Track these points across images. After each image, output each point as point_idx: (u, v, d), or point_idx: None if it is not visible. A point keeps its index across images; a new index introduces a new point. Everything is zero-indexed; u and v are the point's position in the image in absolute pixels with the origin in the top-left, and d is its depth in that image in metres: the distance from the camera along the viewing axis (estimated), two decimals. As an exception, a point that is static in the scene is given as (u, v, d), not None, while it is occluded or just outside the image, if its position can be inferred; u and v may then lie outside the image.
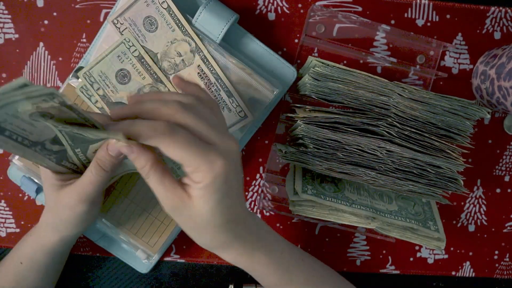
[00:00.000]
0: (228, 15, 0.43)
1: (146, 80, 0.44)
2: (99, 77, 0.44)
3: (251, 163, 0.50)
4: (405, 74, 0.50)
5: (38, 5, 0.47)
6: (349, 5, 0.49)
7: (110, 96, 0.44)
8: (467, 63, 0.51)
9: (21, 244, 0.43)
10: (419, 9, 0.49)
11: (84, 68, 0.43)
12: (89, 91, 0.44)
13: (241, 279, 0.52)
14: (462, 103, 0.43)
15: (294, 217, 0.51)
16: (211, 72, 0.44)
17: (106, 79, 0.44)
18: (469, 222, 0.54)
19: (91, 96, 0.44)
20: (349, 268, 0.53)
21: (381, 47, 0.50)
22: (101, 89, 0.44)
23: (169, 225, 0.47)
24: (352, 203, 0.44)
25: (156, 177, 0.31)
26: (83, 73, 0.43)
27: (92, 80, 0.44)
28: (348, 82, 0.42)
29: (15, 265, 0.42)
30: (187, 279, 0.52)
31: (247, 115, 0.45)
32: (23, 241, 0.43)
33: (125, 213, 0.46)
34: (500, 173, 0.53)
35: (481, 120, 0.52)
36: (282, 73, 0.47)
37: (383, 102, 0.42)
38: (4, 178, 0.49)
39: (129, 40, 0.43)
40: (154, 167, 0.31)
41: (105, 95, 0.44)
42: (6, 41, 0.47)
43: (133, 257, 0.49)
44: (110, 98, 0.44)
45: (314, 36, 0.49)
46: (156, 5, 0.42)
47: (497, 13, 0.50)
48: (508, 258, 0.55)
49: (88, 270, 0.51)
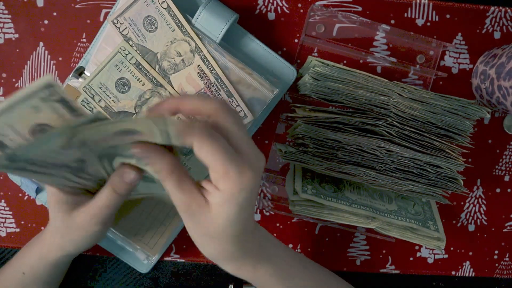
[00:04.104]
0: (228, 15, 0.43)
1: (146, 85, 0.44)
2: (99, 89, 0.44)
3: (251, 163, 0.50)
4: (405, 74, 0.50)
5: (38, 5, 0.47)
6: (349, 5, 0.49)
7: (112, 106, 0.44)
8: (467, 63, 0.51)
9: (24, 254, 0.43)
10: (419, 9, 0.49)
11: (84, 82, 0.43)
12: (91, 103, 0.44)
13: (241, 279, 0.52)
14: (462, 103, 0.43)
15: (294, 217, 0.51)
16: (211, 72, 0.44)
17: (106, 90, 0.44)
18: (469, 222, 0.54)
19: (93, 109, 0.44)
20: (349, 268, 0.53)
21: (381, 47, 0.50)
22: (102, 101, 0.44)
23: (169, 226, 0.47)
24: (352, 203, 0.44)
25: (173, 181, 0.30)
26: (83, 87, 0.43)
27: (93, 93, 0.44)
28: (348, 81, 0.42)
29: (17, 275, 0.42)
30: (187, 279, 0.52)
31: (247, 115, 0.45)
32: (27, 251, 0.43)
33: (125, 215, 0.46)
34: (500, 173, 0.53)
35: (481, 120, 0.52)
36: (282, 73, 0.47)
37: (383, 102, 0.42)
38: (4, 178, 0.49)
39: (124, 48, 0.43)
40: (171, 172, 0.30)
41: (107, 106, 0.44)
42: (6, 41, 0.47)
43: (133, 257, 0.49)
44: (112, 109, 0.44)
45: (314, 36, 0.49)
46: (156, 5, 0.42)
47: (497, 13, 0.50)
48: (508, 258, 0.55)
49: (88, 270, 0.51)
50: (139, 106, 0.45)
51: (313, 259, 0.52)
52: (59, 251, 0.40)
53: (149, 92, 0.44)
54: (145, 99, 0.45)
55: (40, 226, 0.50)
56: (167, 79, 0.44)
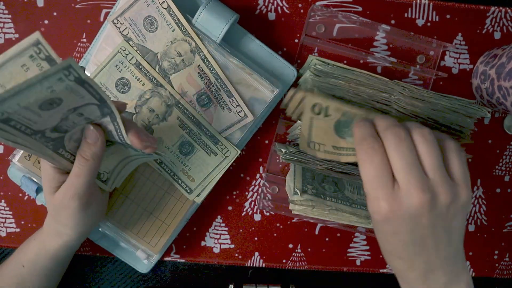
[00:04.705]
0: (228, 15, 0.43)
1: (146, 85, 0.44)
2: None
3: (251, 163, 0.50)
4: (405, 74, 0.50)
5: (38, 5, 0.47)
6: (349, 5, 0.49)
7: None
8: (467, 63, 0.51)
9: (24, 248, 0.43)
10: (419, 9, 0.49)
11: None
12: None
13: (241, 279, 0.52)
14: (462, 103, 0.43)
15: (294, 217, 0.51)
16: (211, 72, 0.44)
17: (106, 90, 0.44)
18: (469, 222, 0.54)
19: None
20: (349, 268, 0.53)
21: (381, 47, 0.50)
22: None
23: (171, 225, 0.47)
24: (352, 203, 0.44)
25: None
26: None
27: None
28: (349, 79, 0.42)
29: (17, 268, 0.42)
30: (187, 279, 0.52)
31: (247, 115, 0.45)
32: (26, 244, 0.43)
33: (126, 214, 0.46)
34: (500, 173, 0.53)
35: (481, 120, 0.52)
36: (282, 73, 0.47)
37: (384, 98, 0.42)
38: (4, 178, 0.49)
39: (125, 48, 0.43)
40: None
41: None
42: (6, 41, 0.47)
43: (133, 257, 0.49)
44: None
45: (314, 36, 0.49)
46: (156, 5, 0.42)
47: (497, 13, 0.50)
48: (508, 258, 0.55)
49: (88, 270, 0.51)
50: (139, 106, 0.45)
51: (313, 259, 0.52)
52: (56, 237, 0.40)
53: (149, 92, 0.44)
54: (145, 99, 0.45)
55: (40, 226, 0.50)
56: (167, 79, 0.44)
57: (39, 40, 0.26)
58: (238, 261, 0.51)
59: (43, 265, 0.42)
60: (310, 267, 0.52)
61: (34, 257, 0.42)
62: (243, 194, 0.51)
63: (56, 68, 0.25)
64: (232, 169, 0.50)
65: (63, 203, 0.36)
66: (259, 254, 0.51)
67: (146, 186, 0.46)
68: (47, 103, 0.27)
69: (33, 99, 0.26)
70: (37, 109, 0.27)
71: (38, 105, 0.27)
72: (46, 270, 0.42)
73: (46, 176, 0.36)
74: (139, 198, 0.46)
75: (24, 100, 0.25)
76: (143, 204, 0.46)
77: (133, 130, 0.35)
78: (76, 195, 0.36)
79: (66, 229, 0.39)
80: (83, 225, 0.39)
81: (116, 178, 0.42)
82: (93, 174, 0.36)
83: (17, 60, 0.27)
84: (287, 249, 0.52)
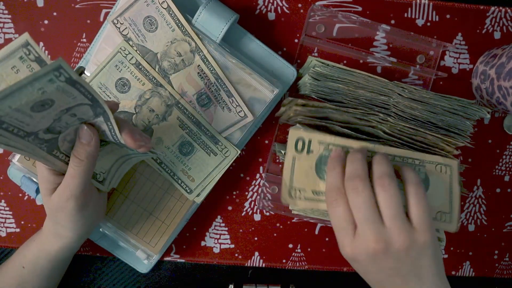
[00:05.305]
0: (228, 15, 0.43)
1: (146, 85, 0.44)
2: (99, 89, 0.44)
3: (251, 163, 0.50)
4: (405, 74, 0.50)
5: (38, 5, 0.47)
6: (349, 5, 0.49)
7: None
8: (467, 63, 0.51)
9: (24, 249, 0.43)
10: (419, 9, 0.49)
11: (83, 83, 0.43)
12: None
13: (241, 279, 0.52)
14: (462, 103, 0.43)
15: (294, 217, 0.51)
16: (211, 72, 0.44)
17: (106, 90, 0.44)
18: (469, 222, 0.54)
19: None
20: (349, 268, 0.53)
21: (381, 47, 0.50)
22: None
23: (170, 225, 0.47)
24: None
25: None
26: None
27: None
28: (348, 82, 0.42)
29: (17, 269, 0.42)
30: (187, 279, 0.52)
31: (247, 115, 0.45)
32: (26, 245, 0.43)
33: (126, 214, 0.46)
34: (500, 173, 0.53)
35: (481, 120, 0.52)
36: (282, 73, 0.47)
37: (383, 101, 0.42)
38: (4, 178, 0.49)
39: (124, 48, 0.43)
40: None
41: None
42: (6, 41, 0.47)
43: (133, 257, 0.49)
44: None
45: (314, 36, 0.49)
46: (156, 5, 0.42)
47: (497, 13, 0.50)
48: (508, 257, 0.55)
49: (88, 270, 0.51)
50: (139, 106, 0.45)
51: (313, 259, 0.52)
52: (55, 239, 0.40)
53: (149, 92, 0.44)
54: (145, 99, 0.45)
55: (40, 226, 0.50)
56: (167, 79, 0.44)
57: (28, 41, 0.26)
58: (238, 261, 0.51)
59: (43, 266, 0.42)
60: (310, 267, 0.52)
61: (34, 259, 0.42)
62: (243, 194, 0.51)
63: (46, 69, 0.25)
64: (232, 169, 0.50)
65: (59, 204, 0.36)
66: (259, 254, 0.51)
67: (146, 186, 0.46)
68: (38, 104, 0.27)
69: (24, 101, 0.25)
70: (29, 111, 0.27)
71: (30, 107, 0.27)
72: (46, 271, 0.42)
73: (42, 178, 0.36)
74: (139, 198, 0.46)
75: (15, 102, 0.25)
76: (143, 204, 0.46)
77: (127, 129, 0.35)
78: (72, 196, 0.36)
79: (65, 231, 0.39)
80: (82, 226, 0.39)
81: (113, 178, 0.42)
82: (88, 174, 0.35)
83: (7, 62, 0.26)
84: (287, 249, 0.52)
